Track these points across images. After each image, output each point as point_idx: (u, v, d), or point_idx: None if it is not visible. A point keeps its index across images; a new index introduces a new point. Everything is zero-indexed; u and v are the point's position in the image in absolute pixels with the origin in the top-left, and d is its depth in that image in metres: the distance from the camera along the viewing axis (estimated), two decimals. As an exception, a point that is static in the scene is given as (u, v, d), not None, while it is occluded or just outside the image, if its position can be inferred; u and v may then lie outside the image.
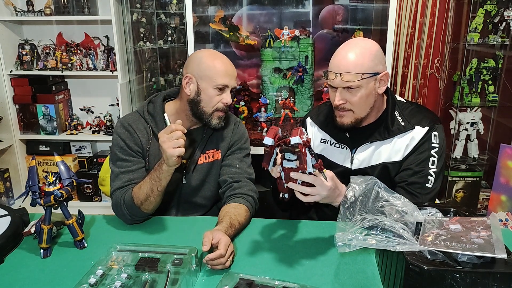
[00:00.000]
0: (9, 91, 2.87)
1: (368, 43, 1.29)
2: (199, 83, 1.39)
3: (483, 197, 2.72)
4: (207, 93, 1.38)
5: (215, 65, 1.38)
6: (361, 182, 1.10)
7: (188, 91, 1.40)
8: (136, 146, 1.41)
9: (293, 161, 1.04)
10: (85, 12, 2.74)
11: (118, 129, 1.43)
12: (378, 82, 1.28)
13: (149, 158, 1.43)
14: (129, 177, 1.39)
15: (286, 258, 1.15)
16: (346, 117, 1.32)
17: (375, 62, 1.25)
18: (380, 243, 0.93)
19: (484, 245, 0.87)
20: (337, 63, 1.26)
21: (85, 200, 3.09)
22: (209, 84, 1.38)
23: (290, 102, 2.40)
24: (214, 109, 1.39)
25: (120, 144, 1.41)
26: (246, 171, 1.49)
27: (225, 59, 1.42)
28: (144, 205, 1.32)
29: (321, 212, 1.50)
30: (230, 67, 1.42)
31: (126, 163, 1.40)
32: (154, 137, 1.42)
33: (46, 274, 1.09)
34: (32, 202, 1.16)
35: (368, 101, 1.29)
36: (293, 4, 2.38)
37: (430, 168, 1.31)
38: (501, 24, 2.50)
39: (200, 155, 1.47)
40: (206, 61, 1.39)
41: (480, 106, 2.66)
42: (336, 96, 1.28)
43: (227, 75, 1.38)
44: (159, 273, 1.01)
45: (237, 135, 1.53)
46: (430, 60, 2.59)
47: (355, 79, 1.23)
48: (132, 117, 1.45)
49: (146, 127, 1.44)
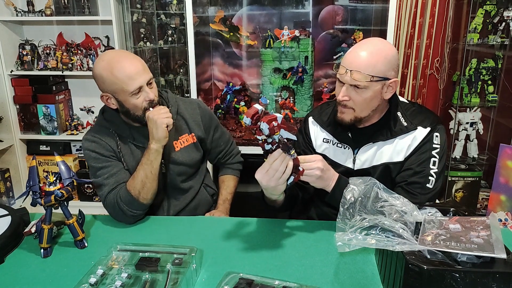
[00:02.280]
0: (10, 91, 2.88)
1: (386, 46, 1.27)
2: (116, 97, 1.38)
3: (482, 197, 2.72)
4: (128, 102, 1.37)
5: (116, 75, 1.33)
6: (360, 183, 1.10)
7: (114, 106, 1.41)
8: (108, 151, 1.43)
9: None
10: (85, 12, 2.74)
11: (85, 144, 1.44)
12: (386, 88, 1.27)
13: (123, 158, 1.45)
14: (114, 180, 1.40)
15: (286, 258, 1.15)
16: (346, 114, 1.32)
17: (387, 67, 1.24)
18: (379, 243, 0.93)
19: (483, 245, 0.87)
20: (350, 59, 1.25)
21: (85, 200, 3.09)
22: (125, 94, 1.36)
23: (290, 102, 2.41)
24: (143, 110, 1.39)
25: (93, 156, 1.42)
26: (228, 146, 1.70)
27: (122, 61, 1.34)
28: (142, 194, 1.34)
29: (320, 211, 1.50)
30: (131, 66, 1.34)
31: (105, 169, 1.41)
32: (120, 139, 1.45)
33: (46, 274, 1.10)
34: (32, 202, 1.16)
35: (371, 104, 1.29)
36: (293, 4, 2.38)
37: (431, 168, 1.31)
38: (500, 24, 2.50)
39: (174, 142, 1.50)
40: (107, 75, 1.34)
41: (479, 106, 2.66)
42: (342, 91, 1.28)
43: (132, 78, 1.33)
44: (159, 272, 1.01)
45: (206, 117, 1.60)
46: (429, 60, 2.59)
47: (364, 80, 1.22)
48: (93, 130, 1.49)
49: (109, 133, 1.46)
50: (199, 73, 2.44)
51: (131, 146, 1.46)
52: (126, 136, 1.46)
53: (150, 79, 1.39)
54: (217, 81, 2.53)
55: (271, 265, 1.12)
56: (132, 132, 1.47)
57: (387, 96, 1.30)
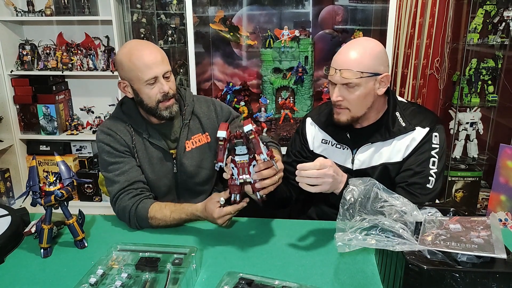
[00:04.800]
0: (10, 91, 2.87)
1: (372, 43, 1.30)
2: (132, 84, 1.38)
3: (482, 197, 2.72)
4: (143, 91, 1.37)
5: (134, 62, 1.33)
6: (360, 184, 1.10)
7: (129, 94, 1.41)
8: (122, 146, 1.41)
9: (245, 155, 1.12)
10: (85, 12, 2.74)
11: (99, 136, 1.43)
12: (378, 83, 1.28)
13: (137, 154, 1.43)
14: (126, 178, 1.38)
15: (286, 258, 1.15)
16: (342, 115, 1.33)
17: (376, 62, 1.26)
18: (379, 243, 0.93)
19: (483, 245, 0.87)
20: (338, 60, 1.28)
21: (85, 200, 3.09)
22: (139, 83, 1.35)
23: (290, 102, 2.41)
24: (157, 102, 1.38)
25: (106, 149, 1.41)
26: None
27: (142, 49, 1.35)
28: (155, 222, 1.33)
29: (320, 211, 1.50)
30: (150, 56, 1.34)
31: (117, 165, 1.39)
32: (136, 133, 1.44)
33: (46, 274, 1.10)
34: (32, 202, 1.16)
35: (365, 101, 1.29)
36: (293, 4, 2.38)
37: (431, 168, 1.31)
38: (500, 24, 2.50)
39: (186, 142, 1.48)
40: (126, 62, 1.35)
41: (479, 106, 2.66)
42: (335, 92, 1.30)
43: (149, 67, 1.33)
44: (159, 272, 1.01)
45: (223, 113, 1.55)
46: (429, 60, 2.59)
47: (354, 77, 1.24)
48: (109, 122, 1.46)
49: (125, 126, 1.44)
50: (199, 73, 2.44)
51: (145, 143, 1.44)
52: (142, 131, 1.44)
53: (168, 72, 1.38)
54: (217, 81, 2.53)
55: (271, 265, 1.12)
56: (149, 128, 1.45)
57: (381, 92, 1.30)
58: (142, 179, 1.41)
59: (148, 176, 1.44)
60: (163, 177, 1.46)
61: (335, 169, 1.19)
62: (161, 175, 1.46)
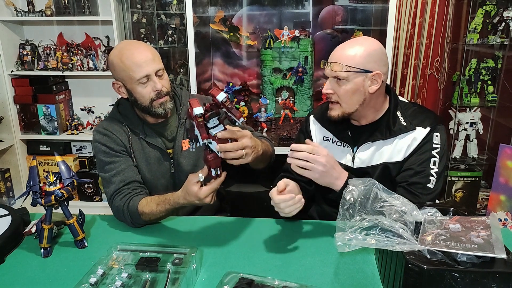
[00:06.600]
0: (10, 91, 2.88)
1: (368, 42, 1.31)
2: (125, 85, 1.38)
3: (482, 197, 2.72)
4: (136, 90, 1.36)
5: (125, 62, 1.33)
6: (360, 184, 1.10)
7: (124, 95, 1.42)
8: (118, 146, 1.42)
9: (218, 126, 1.13)
10: (85, 12, 2.74)
11: (95, 136, 1.43)
12: (369, 81, 1.29)
13: (134, 154, 1.43)
14: (121, 178, 1.38)
15: (286, 258, 1.15)
16: (333, 110, 1.35)
17: (368, 59, 1.27)
18: (379, 243, 0.94)
19: (483, 245, 0.88)
20: (332, 54, 1.32)
21: (85, 200, 3.09)
22: (132, 82, 1.35)
23: (290, 102, 2.41)
24: (151, 100, 1.38)
25: (102, 149, 1.41)
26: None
27: (132, 49, 1.35)
28: (146, 216, 1.32)
29: (321, 210, 1.51)
30: (140, 54, 1.33)
31: (113, 165, 1.40)
32: (133, 134, 1.44)
33: (46, 274, 1.10)
34: (32, 202, 1.16)
35: (355, 97, 1.30)
36: (293, 4, 2.39)
37: (432, 168, 1.31)
38: (500, 24, 2.50)
39: (183, 141, 1.48)
40: (117, 63, 1.35)
41: (479, 106, 2.66)
42: (326, 84, 1.33)
43: (140, 66, 1.32)
44: (159, 272, 1.02)
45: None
46: (429, 60, 2.59)
47: (341, 70, 1.27)
48: (105, 123, 1.47)
49: (121, 126, 1.44)
50: (199, 73, 2.44)
51: (142, 143, 1.45)
52: (138, 131, 1.44)
53: (160, 70, 1.37)
54: (217, 81, 2.53)
55: (271, 265, 1.12)
56: (145, 128, 1.45)
57: (372, 90, 1.30)
58: (138, 178, 1.42)
59: (146, 176, 1.44)
60: (160, 177, 1.46)
61: (329, 161, 1.19)
62: (159, 175, 1.46)
